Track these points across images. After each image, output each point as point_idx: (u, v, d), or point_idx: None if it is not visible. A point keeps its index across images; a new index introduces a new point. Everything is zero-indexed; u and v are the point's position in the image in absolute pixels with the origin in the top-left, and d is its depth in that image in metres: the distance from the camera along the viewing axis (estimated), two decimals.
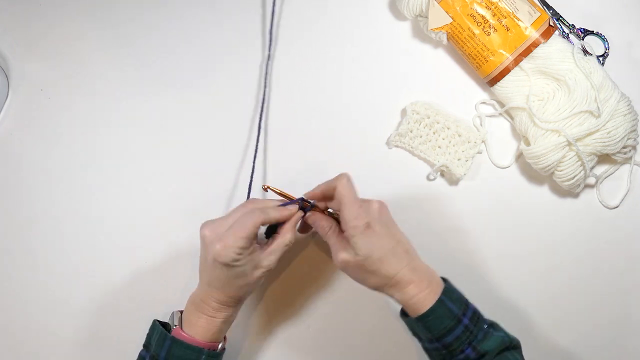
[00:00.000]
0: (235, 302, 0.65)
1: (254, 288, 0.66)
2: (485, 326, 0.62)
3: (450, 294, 0.62)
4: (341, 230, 0.64)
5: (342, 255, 0.62)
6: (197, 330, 0.64)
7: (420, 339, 0.64)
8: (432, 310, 0.60)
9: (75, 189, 0.77)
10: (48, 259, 0.76)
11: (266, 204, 0.65)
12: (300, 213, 0.66)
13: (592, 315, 0.75)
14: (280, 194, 0.67)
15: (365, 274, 0.62)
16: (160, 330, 0.64)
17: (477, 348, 0.60)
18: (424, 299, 0.61)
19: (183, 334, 0.64)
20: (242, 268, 0.61)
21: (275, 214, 0.64)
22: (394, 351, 0.74)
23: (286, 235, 0.64)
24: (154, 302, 0.74)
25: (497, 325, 0.64)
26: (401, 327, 0.74)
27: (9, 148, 0.78)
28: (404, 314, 0.65)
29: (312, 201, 0.66)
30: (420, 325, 0.61)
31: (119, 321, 0.75)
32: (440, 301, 0.61)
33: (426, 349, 0.64)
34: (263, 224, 0.63)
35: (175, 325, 0.65)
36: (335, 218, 0.66)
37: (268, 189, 0.68)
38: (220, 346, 0.65)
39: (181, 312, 0.67)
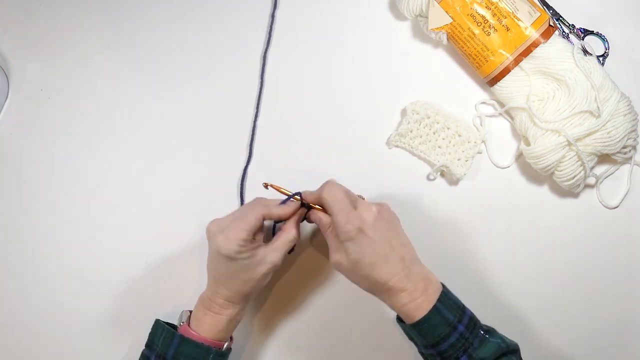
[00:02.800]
0: (241, 299, 0.65)
1: (260, 285, 0.65)
2: (482, 332, 0.61)
3: (445, 301, 0.61)
4: None
5: (335, 256, 0.62)
6: (203, 328, 0.64)
7: (416, 344, 0.64)
8: (426, 318, 0.60)
9: (75, 188, 0.77)
10: (49, 259, 0.76)
11: (269, 201, 0.66)
12: (303, 209, 0.66)
13: (592, 315, 0.75)
14: (279, 190, 0.68)
15: (357, 277, 0.62)
16: (167, 329, 0.64)
17: (472, 355, 0.59)
18: (417, 307, 0.60)
19: (191, 331, 0.64)
20: (245, 261, 0.62)
21: (278, 210, 0.65)
22: (395, 351, 0.74)
23: (291, 231, 0.65)
24: (159, 302, 0.74)
25: (494, 331, 0.63)
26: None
27: (9, 148, 0.78)
28: (399, 318, 0.64)
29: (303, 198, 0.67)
30: (415, 331, 0.61)
31: (125, 321, 0.75)
32: (435, 308, 0.60)
33: (422, 354, 0.64)
34: (265, 218, 0.64)
35: (183, 322, 0.65)
36: None
37: (268, 186, 0.68)
38: (225, 345, 0.65)
39: (190, 311, 0.67)
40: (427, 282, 0.62)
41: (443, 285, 0.63)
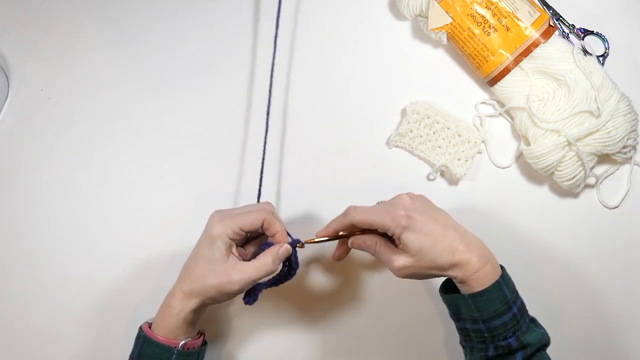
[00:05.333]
0: (194, 295, 0.62)
1: (210, 293, 0.62)
2: (528, 320, 0.62)
3: (507, 280, 0.62)
4: (387, 242, 0.64)
5: (396, 263, 0.61)
6: (157, 325, 0.63)
7: (459, 319, 0.63)
8: (487, 290, 0.60)
9: (75, 188, 0.77)
10: (48, 258, 0.76)
11: (276, 214, 0.66)
12: (288, 247, 0.64)
13: (592, 315, 0.75)
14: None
15: (425, 268, 0.61)
16: (139, 329, 0.64)
17: (520, 338, 0.60)
18: (484, 277, 0.60)
19: (149, 330, 0.63)
20: (217, 254, 0.61)
21: (279, 226, 0.64)
22: (396, 355, 0.74)
23: (267, 259, 0.62)
24: (154, 303, 0.74)
25: (537, 321, 0.64)
26: (401, 332, 0.74)
27: (9, 148, 0.78)
28: (445, 290, 0.64)
29: (302, 241, 0.65)
30: (471, 303, 0.61)
31: (119, 321, 0.75)
32: (497, 283, 0.60)
33: (464, 330, 0.63)
34: (264, 225, 0.63)
35: (146, 322, 0.64)
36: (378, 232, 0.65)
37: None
38: (181, 344, 0.62)
39: None
40: (487, 252, 0.62)
41: (502, 267, 0.63)
